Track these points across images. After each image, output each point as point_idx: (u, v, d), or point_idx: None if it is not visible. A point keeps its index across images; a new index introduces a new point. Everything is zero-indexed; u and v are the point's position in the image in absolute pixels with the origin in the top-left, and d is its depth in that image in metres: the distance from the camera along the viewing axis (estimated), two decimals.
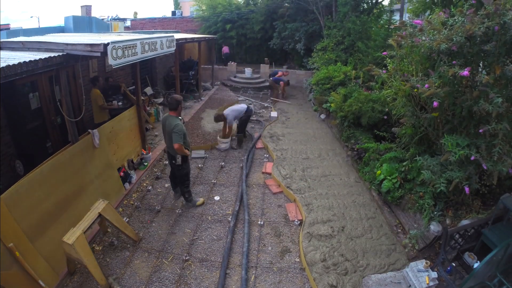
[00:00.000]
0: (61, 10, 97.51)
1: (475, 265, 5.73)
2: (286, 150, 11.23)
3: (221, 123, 11.66)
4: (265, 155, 11.02)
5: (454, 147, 5.84)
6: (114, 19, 30.31)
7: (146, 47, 8.27)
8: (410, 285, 5.64)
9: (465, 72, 5.49)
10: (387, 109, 9.31)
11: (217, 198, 8.50)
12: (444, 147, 6.13)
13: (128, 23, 29.69)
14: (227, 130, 11.49)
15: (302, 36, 22.79)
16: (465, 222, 6.25)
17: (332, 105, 12.74)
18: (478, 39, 5.74)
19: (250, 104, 16.92)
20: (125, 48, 7.04)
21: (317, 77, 16.27)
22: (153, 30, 24.92)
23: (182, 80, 17.77)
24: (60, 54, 6.24)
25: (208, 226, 7.48)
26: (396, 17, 24.00)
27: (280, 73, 19.63)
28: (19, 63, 5.19)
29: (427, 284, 5.39)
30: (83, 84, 10.38)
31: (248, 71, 22.63)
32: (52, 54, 6.08)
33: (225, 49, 25.85)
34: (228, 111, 11.48)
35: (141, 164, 9.63)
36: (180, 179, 7.91)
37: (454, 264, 5.88)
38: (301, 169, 9.81)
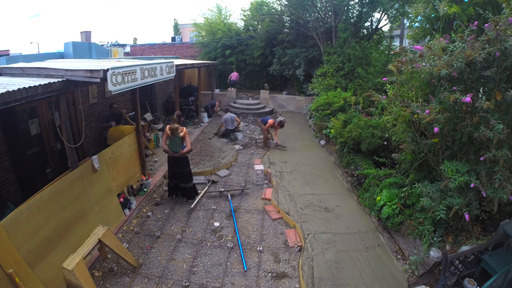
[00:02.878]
0: (61, 36, 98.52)
1: None
2: (286, 176, 11.33)
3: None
4: (265, 181, 11.09)
5: (454, 174, 5.93)
6: (114, 45, 30.77)
7: (146, 73, 8.39)
8: None
9: (467, 99, 5.61)
10: (387, 135, 9.40)
11: (216, 224, 8.59)
12: (444, 173, 6.22)
13: (128, 49, 30.08)
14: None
15: (301, 62, 23.02)
16: (465, 248, 6.32)
17: (332, 131, 12.89)
18: (479, 65, 5.87)
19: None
20: (124, 74, 7.14)
21: (317, 103, 16.45)
22: (152, 56, 25.22)
23: (182, 106, 17.96)
24: (60, 80, 6.34)
25: (208, 251, 7.55)
26: (396, 43, 24.35)
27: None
28: (19, 89, 5.28)
29: None
30: (83, 109, 10.55)
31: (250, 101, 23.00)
32: (51, 80, 6.18)
33: (234, 76, 25.60)
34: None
35: (140, 190, 9.74)
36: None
37: None
38: (301, 195, 9.90)
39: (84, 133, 8.70)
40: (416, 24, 20.10)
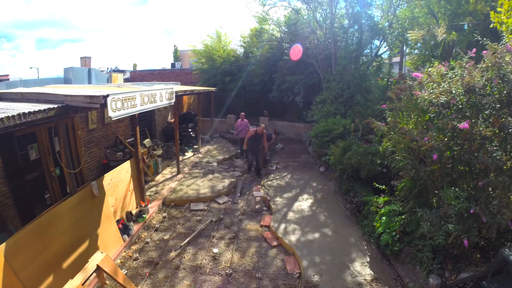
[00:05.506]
0: (61, 61, 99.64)
1: None
2: (285, 203, 11.42)
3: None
4: (263, 208, 11.15)
5: (453, 200, 6.01)
6: (114, 71, 30.98)
7: (146, 99, 8.53)
8: None
9: (465, 125, 5.73)
10: (386, 162, 9.49)
11: (215, 250, 8.62)
12: (443, 200, 6.30)
13: (128, 75, 30.31)
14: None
15: (301, 88, 23.19)
16: (464, 275, 6.36)
17: (331, 158, 12.96)
18: (477, 91, 6.00)
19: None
20: (124, 100, 7.30)
21: (316, 130, 16.52)
22: (152, 82, 25.38)
23: (182, 133, 18.09)
24: (60, 105, 6.45)
25: (207, 278, 7.58)
26: (395, 70, 24.60)
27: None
28: (18, 114, 5.38)
29: None
30: (82, 135, 10.65)
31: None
32: (51, 105, 6.29)
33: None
34: None
35: (139, 216, 9.80)
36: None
37: None
38: (300, 222, 9.96)
39: (83, 158, 8.80)
40: (416, 51, 20.44)
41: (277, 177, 14.35)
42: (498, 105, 5.99)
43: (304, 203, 11.47)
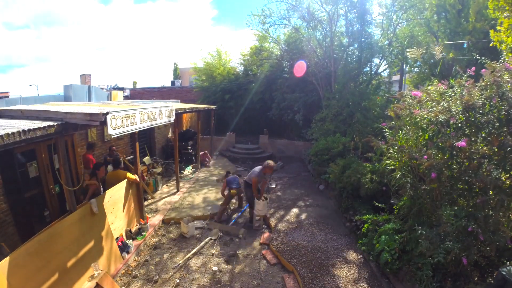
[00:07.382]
0: (61, 78, 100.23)
1: None
2: (284, 220, 11.46)
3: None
4: (263, 225, 11.16)
5: (452, 218, 6.05)
6: (114, 88, 31.19)
7: (145, 117, 8.60)
8: None
9: (462, 143, 5.80)
10: (385, 180, 9.52)
11: (215, 268, 8.63)
12: (442, 218, 6.33)
13: (127, 93, 30.54)
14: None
15: (301, 106, 23.38)
16: None
17: (330, 176, 13.01)
18: (477, 110, 6.08)
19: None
20: (124, 117, 7.38)
21: (316, 148, 16.62)
22: (152, 99, 25.49)
23: (181, 150, 18.16)
24: (59, 122, 6.46)
25: None
26: (395, 88, 24.73)
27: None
28: (18, 131, 5.42)
29: None
30: (82, 152, 10.69)
31: (249, 146, 22.96)
32: (51, 123, 6.30)
33: None
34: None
35: (139, 234, 9.83)
36: None
37: None
38: (299, 240, 9.98)
39: (83, 176, 8.82)
40: (415, 69, 20.58)
41: (276, 194, 14.37)
42: (497, 124, 6.05)
43: (303, 221, 11.51)
